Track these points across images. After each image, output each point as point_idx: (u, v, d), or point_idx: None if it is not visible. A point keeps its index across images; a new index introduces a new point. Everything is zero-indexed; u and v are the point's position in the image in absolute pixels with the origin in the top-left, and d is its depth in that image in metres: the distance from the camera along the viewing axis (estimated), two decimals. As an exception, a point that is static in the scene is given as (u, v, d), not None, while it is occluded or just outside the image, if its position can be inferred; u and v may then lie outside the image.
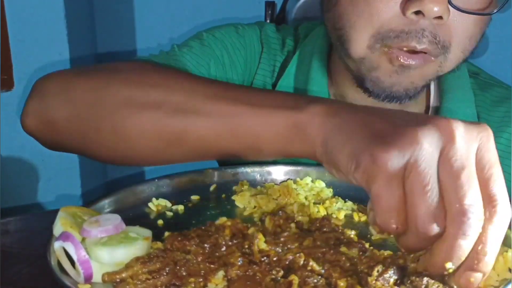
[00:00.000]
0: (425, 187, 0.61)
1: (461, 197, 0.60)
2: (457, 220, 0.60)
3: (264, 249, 0.76)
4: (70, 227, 0.80)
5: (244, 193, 1.00)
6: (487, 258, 0.64)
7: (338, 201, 0.98)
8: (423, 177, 0.61)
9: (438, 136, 0.62)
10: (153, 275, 0.74)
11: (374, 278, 0.70)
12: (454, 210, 0.60)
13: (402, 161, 0.61)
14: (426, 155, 0.61)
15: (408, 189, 0.61)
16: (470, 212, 0.60)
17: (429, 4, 0.92)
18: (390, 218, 0.63)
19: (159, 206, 0.98)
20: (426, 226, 0.62)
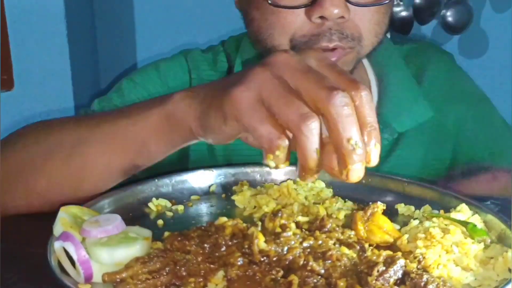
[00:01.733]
0: (285, 98, 0.70)
1: (315, 89, 0.69)
2: (325, 99, 0.68)
3: (264, 249, 0.76)
4: (70, 227, 0.80)
5: (244, 193, 1.00)
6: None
7: (338, 201, 0.98)
8: (277, 94, 0.71)
9: (274, 62, 0.73)
10: (153, 275, 0.74)
11: (374, 278, 0.71)
12: (318, 98, 0.69)
13: (253, 92, 0.72)
14: (269, 79, 0.72)
15: (273, 109, 0.70)
16: (331, 90, 0.68)
17: (329, 8, 1.03)
18: (272, 136, 0.71)
19: (159, 206, 0.98)
20: (306, 122, 0.68)
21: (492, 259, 0.79)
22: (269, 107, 0.71)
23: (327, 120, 0.68)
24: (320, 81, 0.70)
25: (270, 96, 0.71)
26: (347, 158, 0.68)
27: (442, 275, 0.75)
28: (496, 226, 0.86)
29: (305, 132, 0.68)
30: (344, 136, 0.68)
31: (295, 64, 0.72)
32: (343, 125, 0.67)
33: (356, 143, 0.68)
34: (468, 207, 0.91)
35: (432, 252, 0.79)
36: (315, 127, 0.68)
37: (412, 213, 0.95)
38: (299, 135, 0.69)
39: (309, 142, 0.69)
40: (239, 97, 0.73)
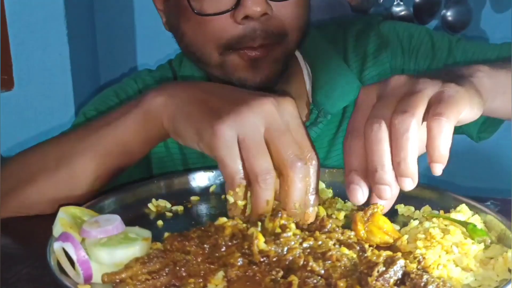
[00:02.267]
0: (256, 149, 0.81)
1: (283, 153, 0.81)
2: (289, 166, 0.81)
3: (264, 249, 0.76)
4: (69, 227, 0.80)
5: (244, 193, 0.99)
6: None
7: (338, 202, 0.98)
8: (252, 143, 0.81)
9: (260, 111, 0.83)
10: (153, 276, 0.74)
11: (374, 279, 0.70)
12: (283, 162, 0.81)
13: (235, 132, 0.81)
14: (251, 126, 0.82)
15: (244, 153, 0.81)
16: (295, 160, 0.81)
17: (251, 7, 1.09)
18: (237, 176, 0.82)
19: (158, 207, 0.98)
20: (265, 176, 0.81)
21: (492, 259, 0.79)
22: (242, 150, 0.81)
23: (284, 181, 0.82)
24: (290, 147, 0.82)
25: (246, 142, 0.81)
26: (289, 214, 0.83)
27: (442, 276, 0.75)
28: (496, 227, 0.86)
29: (262, 185, 0.81)
30: (293, 200, 0.82)
31: (276, 119, 0.83)
32: (295, 192, 0.82)
33: (299, 206, 0.83)
34: (468, 208, 0.91)
35: (432, 252, 0.79)
36: (271, 182, 0.81)
37: (411, 214, 0.95)
38: (256, 185, 0.81)
39: (262, 194, 0.82)
40: (220, 133, 0.82)
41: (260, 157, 0.81)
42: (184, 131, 0.89)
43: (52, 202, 0.98)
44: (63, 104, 1.80)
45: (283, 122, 0.83)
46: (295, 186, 0.82)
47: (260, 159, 0.81)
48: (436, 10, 1.96)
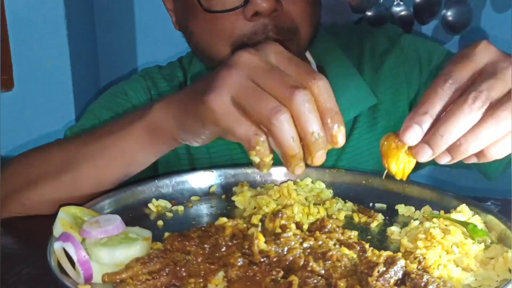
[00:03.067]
0: (253, 96, 0.76)
1: (278, 88, 0.76)
2: (290, 98, 0.75)
3: (264, 249, 0.76)
4: (70, 227, 0.80)
5: (244, 193, 1.00)
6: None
7: (338, 202, 0.98)
8: (246, 94, 0.77)
9: (239, 65, 0.79)
10: (153, 276, 0.74)
11: (374, 279, 0.71)
12: (283, 97, 0.75)
13: (226, 96, 0.78)
14: (237, 81, 0.78)
15: (245, 108, 0.77)
16: (294, 89, 0.75)
17: (261, 4, 1.07)
18: (249, 134, 0.77)
19: (159, 207, 0.98)
20: (275, 114, 0.74)
21: (492, 259, 0.79)
22: (241, 107, 0.77)
23: (292, 115, 0.75)
24: (281, 80, 0.76)
25: (241, 97, 0.77)
26: (311, 148, 0.76)
27: (443, 276, 0.76)
28: (496, 227, 0.86)
29: (276, 124, 0.74)
30: (308, 130, 0.75)
31: (257, 63, 0.78)
32: (305, 121, 0.75)
33: (318, 134, 0.75)
34: (469, 208, 0.91)
35: (432, 252, 0.79)
36: (285, 118, 0.75)
37: (412, 214, 0.95)
38: (272, 127, 0.75)
39: (282, 132, 0.75)
40: (212, 104, 0.78)
41: (260, 101, 0.76)
42: (189, 127, 0.87)
43: (53, 204, 0.98)
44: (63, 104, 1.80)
45: (267, 63, 0.79)
46: (304, 116, 0.75)
47: (262, 102, 0.76)
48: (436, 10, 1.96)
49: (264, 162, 0.78)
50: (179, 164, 1.26)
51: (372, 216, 0.94)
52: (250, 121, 0.77)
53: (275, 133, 0.75)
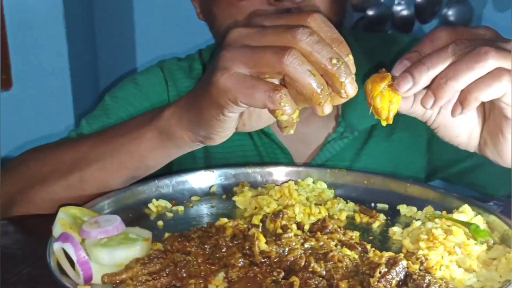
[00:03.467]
0: (254, 54, 0.74)
1: (276, 36, 0.74)
2: (292, 40, 0.73)
3: (265, 250, 0.76)
4: (69, 228, 0.80)
5: (245, 194, 0.99)
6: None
7: (339, 202, 0.98)
8: (251, 49, 0.75)
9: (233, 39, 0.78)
10: (153, 277, 0.73)
11: (376, 280, 0.70)
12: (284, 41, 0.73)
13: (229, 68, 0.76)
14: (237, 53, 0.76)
15: (255, 65, 0.75)
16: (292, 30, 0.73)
17: None
18: (268, 93, 0.73)
19: (159, 207, 0.98)
20: (285, 50, 0.72)
21: (495, 260, 0.79)
22: (251, 71, 0.75)
23: (304, 54, 0.73)
24: (277, 29, 0.75)
25: (246, 63, 0.75)
26: (338, 76, 0.73)
27: (445, 276, 0.75)
28: (499, 227, 0.86)
29: (288, 64, 0.72)
30: (325, 60, 0.73)
31: (249, 30, 0.77)
32: (317, 51, 0.72)
33: (338, 60, 0.73)
34: (471, 208, 0.90)
35: (434, 253, 0.79)
36: (294, 54, 0.72)
37: (414, 214, 0.95)
38: (285, 69, 0.72)
39: (297, 69, 0.72)
40: (222, 82, 0.76)
41: (264, 54, 0.74)
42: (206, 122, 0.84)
43: (59, 203, 0.96)
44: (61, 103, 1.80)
45: (257, 25, 0.78)
46: (314, 47, 0.72)
47: (266, 54, 0.73)
48: (437, 9, 1.96)
49: (293, 118, 0.75)
50: (194, 163, 1.25)
51: (374, 217, 0.94)
52: (264, 81, 0.75)
53: (292, 74, 0.72)
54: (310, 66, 0.73)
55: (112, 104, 1.25)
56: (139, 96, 1.27)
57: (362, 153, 1.23)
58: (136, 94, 1.27)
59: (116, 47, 2.00)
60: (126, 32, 1.97)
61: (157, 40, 1.92)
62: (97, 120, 1.23)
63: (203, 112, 0.83)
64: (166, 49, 1.71)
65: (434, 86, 0.76)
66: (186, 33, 1.90)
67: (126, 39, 1.98)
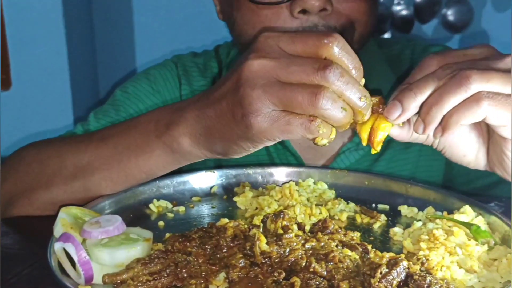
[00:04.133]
0: (287, 94, 0.74)
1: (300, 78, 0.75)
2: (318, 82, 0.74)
3: (266, 250, 0.76)
4: (70, 228, 0.79)
5: (246, 194, 0.99)
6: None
7: (340, 203, 0.98)
8: (280, 95, 0.75)
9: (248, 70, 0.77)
10: (154, 277, 0.73)
11: (377, 280, 0.70)
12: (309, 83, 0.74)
13: (262, 110, 0.76)
14: (263, 88, 0.75)
15: (284, 107, 0.75)
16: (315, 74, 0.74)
17: (309, 1, 1.01)
18: (305, 124, 0.75)
19: (160, 207, 0.97)
20: (313, 102, 0.73)
21: (496, 261, 0.79)
22: (283, 109, 0.75)
23: (335, 92, 0.74)
24: (304, 68, 0.74)
25: (276, 103, 0.75)
26: (365, 112, 0.76)
27: (446, 277, 0.75)
28: (500, 228, 0.86)
29: (322, 107, 0.73)
30: (356, 101, 0.75)
31: (273, 64, 0.76)
32: (349, 93, 0.74)
33: (366, 97, 0.76)
34: (472, 209, 0.90)
35: (435, 254, 0.79)
36: (327, 97, 0.73)
37: (415, 215, 0.95)
38: (320, 112, 0.74)
39: (331, 112, 0.74)
40: (256, 125, 0.76)
41: (296, 95, 0.74)
42: (233, 150, 0.84)
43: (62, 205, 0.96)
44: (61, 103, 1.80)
45: (276, 58, 0.76)
46: (345, 89, 0.74)
47: (298, 95, 0.74)
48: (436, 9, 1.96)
49: (331, 138, 0.78)
50: (205, 165, 1.24)
51: (375, 217, 0.94)
52: (298, 115, 0.75)
53: (326, 116, 0.74)
54: (342, 103, 0.75)
55: (123, 100, 1.24)
56: (151, 93, 1.25)
57: (377, 164, 1.21)
58: (147, 91, 1.25)
59: (115, 47, 2.00)
60: (125, 32, 1.97)
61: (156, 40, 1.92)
62: (106, 115, 1.21)
63: (231, 143, 0.82)
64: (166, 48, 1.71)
65: (421, 112, 0.78)
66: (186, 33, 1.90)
67: (125, 39, 1.97)
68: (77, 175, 0.98)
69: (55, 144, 1.07)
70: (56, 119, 1.78)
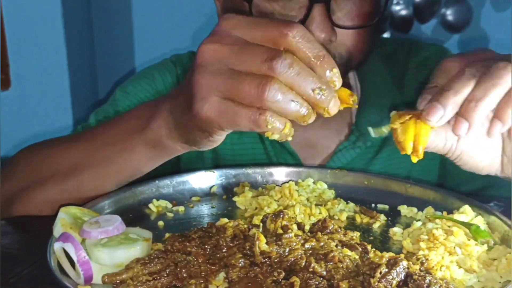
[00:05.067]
0: (235, 83, 0.72)
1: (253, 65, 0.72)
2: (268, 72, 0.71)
3: (266, 250, 0.76)
4: (70, 228, 0.79)
5: (246, 194, 0.99)
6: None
7: (340, 203, 0.98)
8: (228, 84, 0.73)
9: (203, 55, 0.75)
10: (154, 277, 0.73)
11: (376, 280, 0.70)
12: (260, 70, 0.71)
13: (210, 97, 0.74)
14: (212, 75, 0.74)
15: (232, 97, 0.73)
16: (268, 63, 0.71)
17: (316, 32, 1.01)
18: (253, 117, 0.72)
19: (159, 207, 0.97)
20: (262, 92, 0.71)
21: (495, 260, 0.79)
22: (231, 100, 0.73)
23: (285, 84, 0.71)
24: (254, 56, 0.71)
25: (224, 92, 0.73)
26: (321, 104, 0.72)
27: (445, 277, 0.75)
28: (499, 228, 0.86)
29: (269, 99, 0.71)
30: (306, 91, 0.71)
31: (222, 50, 0.73)
32: (298, 84, 0.71)
33: (320, 88, 0.72)
34: (471, 209, 0.90)
35: (435, 253, 0.79)
36: (275, 88, 0.70)
37: (414, 215, 0.95)
38: (267, 104, 0.71)
39: (280, 103, 0.71)
40: (203, 113, 0.75)
41: (244, 85, 0.72)
42: (195, 140, 0.84)
43: (56, 205, 0.95)
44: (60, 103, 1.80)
45: (231, 44, 0.73)
46: (295, 80, 0.71)
47: (245, 86, 0.71)
48: (436, 9, 1.96)
49: (285, 133, 0.74)
50: (203, 163, 1.24)
51: (374, 217, 0.94)
52: (247, 107, 0.73)
53: (275, 109, 0.71)
54: (292, 95, 0.71)
55: (122, 100, 1.25)
56: (150, 93, 1.26)
57: (374, 163, 1.22)
58: (147, 90, 1.26)
59: (115, 46, 2.00)
60: (125, 32, 1.97)
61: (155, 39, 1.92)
62: (105, 114, 1.22)
63: (190, 133, 0.83)
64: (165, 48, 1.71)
65: (464, 111, 0.76)
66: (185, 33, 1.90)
67: (124, 39, 1.98)
68: (69, 174, 0.99)
69: (49, 145, 1.09)
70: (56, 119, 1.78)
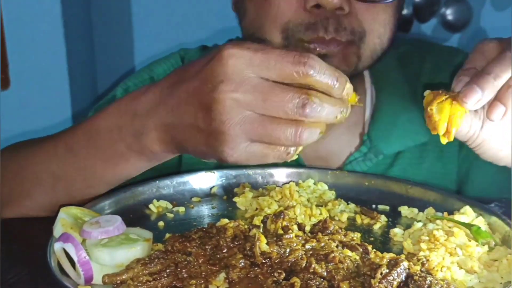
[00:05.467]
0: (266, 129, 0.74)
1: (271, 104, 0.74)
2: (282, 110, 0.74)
3: (266, 251, 0.75)
4: (70, 228, 0.79)
5: (246, 195, 0.99)
6: None
7: (340, 204, 0.98)
8: (259, 130, 0.74)
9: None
10: (154, 277, 0.73)
11: (377, 281, 0.70)
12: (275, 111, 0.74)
13: (239, 144, 0.75)
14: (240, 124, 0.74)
15: (263, 141, 0.75)
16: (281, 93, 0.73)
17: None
18: (282, 156, 0.77)
19: (159, 208, 0.97)
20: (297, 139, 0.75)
21: (496, 261, 0.79)
22: (261, 143, 0.75)
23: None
24: (282, 101, 0.73)
25: (255, 137, 0.75)
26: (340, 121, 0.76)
27: (446, 278, 0.75)
28: (500, 228, 0.86)
29: (305, 142, 0.74)
30: (331, 121, 0.75)
31: (244, 97, 0.73)
32: (326, 119, 0.74)
33: (341, 112, 0.75)
34: (472, 209, 0.90)
35: (435, 254, 0.79)
36: (309, 135, 0.74)
37: (415, 216, 0.95)
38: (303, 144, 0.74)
39: (311, 141, 0.75)
40: (233, 158, 0.76)
41: (277, 132, 0.74)
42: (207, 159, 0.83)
43: (51, 208, 0.96)
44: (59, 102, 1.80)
45: (252, 88, 0.74)
46: (322, 118, 0.74)
47: (279, 132, 0.74)
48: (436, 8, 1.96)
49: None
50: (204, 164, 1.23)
51: (375, 218, 0.94)
52: (275, 148, 0.76)
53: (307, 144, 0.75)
54: (320, 128, 0.75)
55: (122, 94, 1.22)
56: None
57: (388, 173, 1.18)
58: None
59: (114, 46, 1.99)
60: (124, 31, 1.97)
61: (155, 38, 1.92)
62: None
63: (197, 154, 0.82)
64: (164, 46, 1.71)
65: (502, 96, 0.75)
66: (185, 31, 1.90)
67: (124, 38, 1.97)
68: (56, 183, 0.97)
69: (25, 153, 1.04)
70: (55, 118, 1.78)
